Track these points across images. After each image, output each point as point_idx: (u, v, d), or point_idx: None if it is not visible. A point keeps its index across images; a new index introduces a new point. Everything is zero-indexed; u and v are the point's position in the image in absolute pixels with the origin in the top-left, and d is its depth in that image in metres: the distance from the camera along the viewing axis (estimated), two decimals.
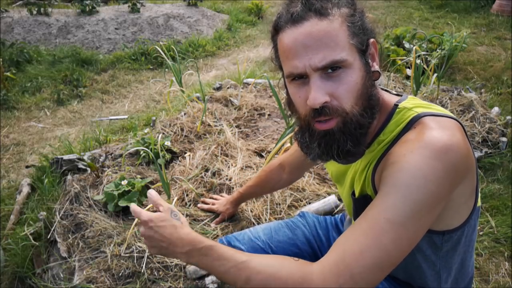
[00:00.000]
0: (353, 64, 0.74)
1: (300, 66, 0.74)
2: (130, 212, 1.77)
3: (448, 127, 0.73)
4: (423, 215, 0.70)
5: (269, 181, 1.39)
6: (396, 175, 0.71)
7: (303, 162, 1.26)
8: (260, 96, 2.86)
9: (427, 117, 0.76)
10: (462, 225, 0.83)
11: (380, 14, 5.68)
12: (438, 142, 0.70)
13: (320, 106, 0.73)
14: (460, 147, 0.71)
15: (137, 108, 3.57)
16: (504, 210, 1.95)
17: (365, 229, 0.71)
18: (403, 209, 0.69)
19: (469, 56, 3.98)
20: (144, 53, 4.57)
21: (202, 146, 2.20)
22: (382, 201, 0.71)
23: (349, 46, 0.74)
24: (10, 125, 3.31)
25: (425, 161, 0.69)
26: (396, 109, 0.82)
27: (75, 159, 2.11)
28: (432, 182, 0.69)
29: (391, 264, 0.70)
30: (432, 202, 0.70)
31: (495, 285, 1.60)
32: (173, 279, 1.47)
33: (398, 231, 0.68)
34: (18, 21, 5.13)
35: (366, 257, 0.68)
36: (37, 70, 4.14)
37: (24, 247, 1.74)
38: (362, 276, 0.68)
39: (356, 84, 0.75)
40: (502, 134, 2.41)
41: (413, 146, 0.72)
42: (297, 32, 0.73)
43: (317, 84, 0.73)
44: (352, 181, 0.92)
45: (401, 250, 0.70)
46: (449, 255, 0.88)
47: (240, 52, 4.85)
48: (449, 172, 0.70)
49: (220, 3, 6.74)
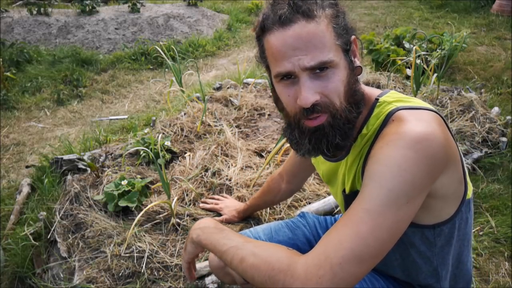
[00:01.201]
0: (339, 63, 0.77)
1: (289, 66, 0.76)
2: (130, 212, 1.77)
3: (424, 119, 0.75)
4: (402, 204, 0.71)
5: (271, 192, 1.43)
6: (372, 167, 0.74)
7: (298, 168, 1.29)
8: (260, 96, 2.86)
9: (404, 110, 0.79)
10: (452, 217, 0.85)
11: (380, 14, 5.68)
12: (412, 132, 0.72)
13: (312, 104, 0.76)
14: (436, 136, 0.72)
15: (137, 108, 3.57)
16: (504, 210, 1.94)
17: (345, 220, 0.73)
18: (379, 198, 0.70)
19: (469, 56, 3.98)
20: (144, 53, 4.58)
21: (202, 146, 2.20)
22: (361, 193, 0.74)
23: (335, 47, 0.77)
24: (10, 125, 3.31)
25: (399, 151, 0.71)
26: (377, 103, 0.85)
27: (75, 159, 2.11)
28: (406, 171, 0.70)
29: (371, 256, 0.70)
30: (409, 191, 0.71)
31: (495, 285, 1.59)
32: (173, 279, 1.47)
33: (376, 220, 0.70)
34: (18, 21, 5.13)
35: (344, 247, 0.69)
36: (37, 70, 4.14)
37: (24, 247, 1.74)
38: (342, 266, 0.68)
39: (342, 82, 0.78)
40: (502, 134, 2.41)
41: (389, 138, 0.75)
42: (286, 34, 0.75)
43: (307, 84, 0.76)
44: (343, 178, 0.94)
45: (381, 241, 0.70)
46: (444, 250, 0.89)
47: (240, 52, 4.85)
48: (424, 161, 0.71)
49: (220, 3, 6.74)
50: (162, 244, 1.61)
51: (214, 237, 0.88)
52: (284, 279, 0.72)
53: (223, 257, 0.84)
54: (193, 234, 0.94)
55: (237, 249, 0.82)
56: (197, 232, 0.93)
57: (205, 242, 0.91)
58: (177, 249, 1.58)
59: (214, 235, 0.89)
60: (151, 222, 1.71)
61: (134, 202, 1.75)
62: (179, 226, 1.68)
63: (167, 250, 1.58)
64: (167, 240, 1.62)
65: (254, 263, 0.77)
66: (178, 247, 1.59)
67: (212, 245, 0.88)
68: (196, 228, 0.95)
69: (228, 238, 0.86)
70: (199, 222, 0.96)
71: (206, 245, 0.91)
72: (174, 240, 1.62)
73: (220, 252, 0.85)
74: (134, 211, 1.75)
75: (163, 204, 1.76)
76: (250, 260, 0.78)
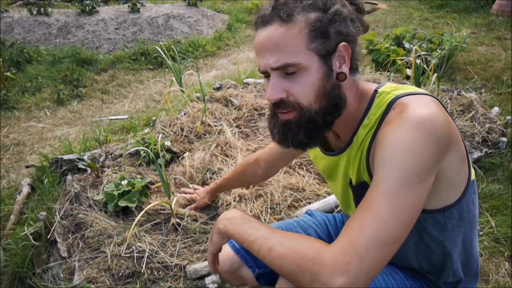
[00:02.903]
0: (309, 67, 0.80)
1: (261, 65, 0.83)
2: (130, 212, 1.77)
3: (424, 102, 0.80)
4: (415, 183, 0.74)
5: (245, 175, 1.48)
6: (381, 153, 0.77)
7: (279, 159, 1.35)
8: (260, 96, 2.86)
9: (404, 97, 0.83)
10: (459, 199, 0.87)
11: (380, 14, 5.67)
12: (415, 115, 0.76)
13: (276, 101, 0.83)
14: (437, 116, 0.76)
15: (137, 108, 3.57)
16: (504, 210, 1.94)
17: (363, 206, 0.75)
18: (392, 178, 0.74)
19: (469, 56, 3.97)
20: (144, 53, 4.57)
21: (202, 146, 2.20)
22: (375, 179, 0.77)
23: (305, 51, 0.80)
24: (10, 125, 3.31)
25: (405, 132, 0.75)
26: (376, 94, 0.88)
27: (75, 159, 2.11)
28: (414, 150, 0.74)
29: (394, 237, 0.72)
30: (420, 170, 0.74)
31: (495, 285, 1.59)
32: (173, 279, 1.47)
33: (393, 201, 0.72)
34: (18, 21, 5.13)
35: (366, 231, 0.72)
36: (37, 70, 4.14)
37: (24, 247, 1.74)
38: (367, 251, 0.70)
39: (312, 84, 0.81)
40: (502, 134, 2.41)
41: (394, 123, 0.78)
42: (262, 34, 0.82)
43: (273, 82, 0.82)
44: (345, 170, 0.95)
45: (401, 221, 0.72)
46: (455, 233, 0.92)
47: (240, 52, 4.85)
48: (430, 139, 0.74)
49: (220, 3, 6.74)
50: (162, 244, 1.61)
51: (242, 227, 0.89)
52: (312, 268, 0.73)
53: (250, 246, 0.85)
54: (220, 225, 0.94)
55: (265, 239, 0.82)
56: (224, 222, 0.93)
57: (232, 232, 0.91)
58: (177, 249, 1.58)
59: (241, 225, 0.89)
60: (151, 222, 1.71)
61: (134, 202, 1.75)
62: (179, 226, 1.68)
63: (167, 250, 1.58)
64: (167, 240, 1.62)
65: (282, 253, 0.78)
66: (178, 247, 1.59)
67: (240, 235, 0.88)
68: (223, 218, 0.95)
69: (255, 229, 0.86)
70: (225, 213, 0.97)
71: (233, 235, 0.91)
72: (174, 240, 1.62)
73: (248, 241, 0.86)
74: (134, 211, 1.75)
75: (163, 204, 1.76)
76: (278, 249, 0.79)
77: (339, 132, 0.94)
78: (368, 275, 0.71)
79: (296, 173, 2.00)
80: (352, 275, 0.70)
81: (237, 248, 1.16)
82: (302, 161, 2.06)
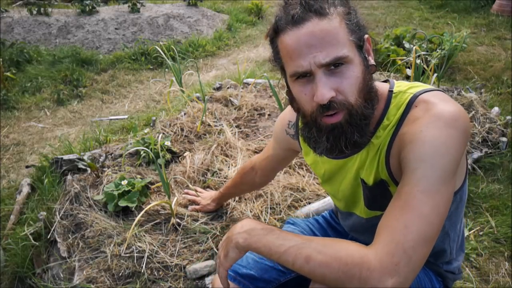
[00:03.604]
0: (354, 59, 0.79)
1: (305, 64, 0.77)
2: (130, 212, 1.77)
3: (446, 99, 0.81)
4: (450, 178, 0.76)
5: (244, 183, 1.49)
6: (418, 150, 0.76)
7: (275, 166, 1.33)
8: (260, 96, 2.87)
9: (423, 94, 0.84)
10: (462, 184, 0.90)
11: (380, 14, 5.68)
12: (447, 112, 0.77)
13: (329, 101, 0.77)
14: (464, 112, 0.79)
15: (137, 108, 3.57)
16: (504, 210, 1.94)
17: (403, 206, 0.75)
18: (434, 177, 0.74)
19: (469, 56, 3.97)
20: (144, 53, 4.57)
21: (202, 146, 2.20)
22: (412, 177, 0.76)
23: (349, 43, 0.78)
24: (10, 125, 3.31)
25: (442, 131, 0.76)
26: (392, 94, 0.88)
27: (75, 159, 2.11)
28: (452, 147, 0.75)
29: (435, 233, 0.74)
30: (455, 165, 0.76)
31: (495, 285, 1.59)
32: (173, 279, 1.47)
33: (435, 199, 0.73)
34: (18, 21, 5.13)
35: (412, 230, 0.72)
36: (37, 70, 4.14)
37: (24, 247, 1.74)
38: (414, 249, 0.71)
39: (357, 78, 0.79)
40: (502, 134, 2.41)
41: (426, 121, 0.78)
42: (300, 33, 0.77)
43: (323, 80, 0.77)
44: (357, 172, 0.94)
45: (441, 217, 0.74)
46: (453, 214, 0.94)
47: (240, 52, 4.85)
48: (464, 136, 0.77)
49: (220, 3, 6.74)
50: (162, 244, 1.61)
51: (267, 238, 0.82)
52: (360, 273, 0.71)
53: (282, 258, 0.79)
54: (238, 239, 0.86)
55: (298, 248, 0.77)
56: (243, 236, 0.86)
57: (256, 245, 0.83)
58: (177, 249, 1.58)
59: (266, 236, 0.83)
60: (151, 222, 1.71)
61: (134, 202, 1.75)
62: (179, 226, 1.68)
63: (167, 250, 1.58)
64: (167, 240, 1.62)
65: (323, 261, 0.75)
66: (178, 247, 1.59)
67: (267, 247, 0.82)
68: (240, 232, 0.87)
69: (284, 239, 0.80)
70: (240, 226, 0.88)
71: (257, 248, 0.83)
72: (174, 240, 1.62)
73: (278, 253, 0.80)
74: (134, 211, 1.75)
75: (163, 204, 1.76)
76: (318, 258, 0.75)
77: None
78: (415, 272, 0.72)
79: (296, 173, 2.00)
80: (402, 274, 0.70)
81: (233, 276, 1.10)
82: (302, 161, 2.06)
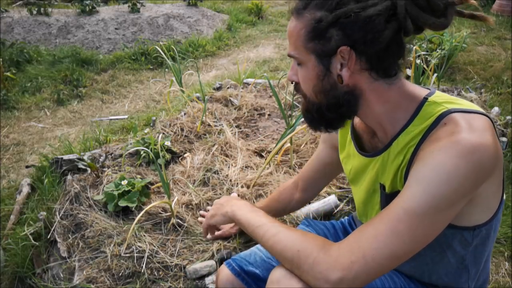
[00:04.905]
0: (307, 63, 0.84)
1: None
2: (130, 212, 1.77)
3: (478, 127, 0.73)
4: (442, 209, 0.72)
5: (281, 201, 1.35)
6: (420, 169, 0.75)
7: (318, 177, 1.24)
8: (260, 96, 2.86)
9: (457, 113, 0.76)
10: (491, 219, 0.84)
11: None
12: (466, 142, 0.71)
13: (291, 81, 0.90)
14: (488, 147, 0.71)
15: (137, 108, 3.57)
16: (504, 210, 1.94)
17: (383, 216, 0.75)
18: (421, 201, 0.72)
19: (469, 56, 3.97)
20: (144, 53, 4.57)
21: (202, 146, 2.20)
22: (403, 193, 0.75)
23: (303, 48, 0.83)
24: (10, 125, 3.31)
25: (450, 159, 0.71)
26: (425, 101, 0.82)
27: (75, 159, 2.11)
28: (454, 180, 0.70)
29: (405, 253, 0.73)
30: (453, 198, 0.72)
31: (495, 285, 1.59)
32: (173, 279, 1.47)
33: (414, 221, 0.72)
34: (18, 21, 5.13)
35: (379, 240, 0.72)
36: (37, 70, 4.14)
37: (24, 247, 1.74)
38: (374, 257, 0.72)
39: (308, 79, 0.85)
40: (502, 134, 2.41)
41: (443, 145, 0.73)
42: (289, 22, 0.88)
43: (292, 65, 0.89)
44: (377, 175, 0.91)
45: (416, 241, 0.73)
46: (478, 249, 0.89)
47: (240, 52, 4.85)
48: (473, 171, 0.71)
49: (220, 3, 6.74)
50: (162, 244, 1.61)
51: (251, 214, 0.96)
52: (317, 255, 0.76)
53: (256, 231, 0.90)
54: (227, 208, 1.03)
55: (272, 226, 0.88)
56: (234, 208, 1.02)
57: (239, 217, 0.98)
58: (177, 249, 1.58)
59: (250, 213, 0.97)
60: (151, 222, 1.71)
61: (134, 202, 1.75)
62: (179, 226, 1.68)
63: (167, 250, 1.58)
64: (167, 240, 1.62)
65: (288, 236, 0.83)
66: (178, 247, 1.59)
67: (247, 221, 0.95)
68: (233, 204, 1.03)
69: (264, 217, 0.93)
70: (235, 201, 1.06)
71: (239, 219, 0.99)
72: (174, 240, 1.62)
73: (253, 226, 0.91)
74: (134, 211, 1.75)
75: (163, 204, 1.76)
76: (285, 233, 0.84)
77: (376, 130, 0.89)
78: (369, 277, 0.72)
79: (296, 173, 2.00)
80: (352, 273, 0.72)
81: (238, 271, 1.11)
82: (302, 162, 2.06)
